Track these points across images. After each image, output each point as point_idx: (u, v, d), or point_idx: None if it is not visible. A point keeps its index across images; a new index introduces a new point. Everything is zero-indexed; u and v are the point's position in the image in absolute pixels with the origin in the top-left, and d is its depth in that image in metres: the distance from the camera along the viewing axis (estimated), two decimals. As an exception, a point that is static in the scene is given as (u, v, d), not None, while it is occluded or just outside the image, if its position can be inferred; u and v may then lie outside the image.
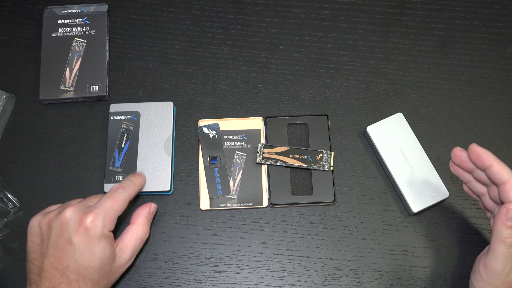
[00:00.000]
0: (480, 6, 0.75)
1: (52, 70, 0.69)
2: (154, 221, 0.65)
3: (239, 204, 0.65)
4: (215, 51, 0.73)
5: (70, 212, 0.54)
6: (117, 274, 0.58)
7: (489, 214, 0.59)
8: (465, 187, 0.60)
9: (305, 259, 0.64)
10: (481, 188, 0.58)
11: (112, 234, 0.56)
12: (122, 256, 0.57)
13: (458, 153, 0.57)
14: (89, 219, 0.53)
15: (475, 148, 0.55)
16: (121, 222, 0.63)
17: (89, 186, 0.66)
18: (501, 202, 0.54)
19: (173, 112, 0.68)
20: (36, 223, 0.55)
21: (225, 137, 0.68)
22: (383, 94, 0.71)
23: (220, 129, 0.68)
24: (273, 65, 0.72)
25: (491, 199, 0.57)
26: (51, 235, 0.54)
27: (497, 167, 0.53)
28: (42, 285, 0.52)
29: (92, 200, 0.57)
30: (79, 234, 0.53)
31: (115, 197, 0.56)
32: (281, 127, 0.68)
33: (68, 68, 0.69)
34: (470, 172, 0.57)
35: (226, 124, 0.68)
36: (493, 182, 0.54)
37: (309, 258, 0.64)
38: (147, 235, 0.61)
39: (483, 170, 0.55)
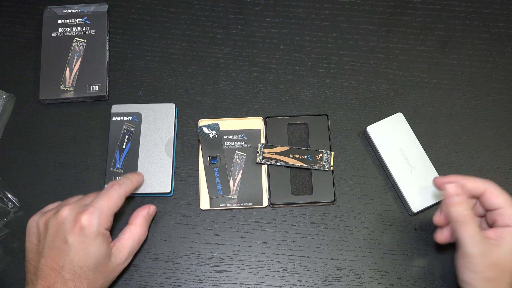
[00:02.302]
0: (480, 6, 0.75)
1: (52, 70, 0.69)
2: (154, 221, 0.65)
3: (239, 204, 0.65)
4: (215, 51, 0.73)
5: (66, 211, 0.54)
6: (114, 274, 0.57)
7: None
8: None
9: (305, 259, 0.64)
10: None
11: (108, 233, 0.56)
12: (119, 256, 0.57)
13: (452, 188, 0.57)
14: (84, 218, 0.53)
15: (439, 179, 0.57)
16: (119, 221, 0.63)
17: (89, 186, 0.66)
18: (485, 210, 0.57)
19: (175, 114, 0.68)
20: (34, 222, 0.56)
21: (225, 137, 0.68)
22: (383, 94, 0.71)
23: (220, 129, 0.68)
24: (273, 65, 0.72)
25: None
26: (48, 235, 0.54)
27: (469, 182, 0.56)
28: (38, 285, 0.52)
29: (89, 197, 0.57)
30: (74, 233, 0.53)
31: (110, 194, 0.56)
32: (281, 127, 0.68)
33: (68, 68, 0.69)
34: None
35: (226, 124, 0.68)
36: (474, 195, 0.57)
37: (309, 258, 0.64)
38: (145, 236, 0.61)
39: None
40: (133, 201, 0.65)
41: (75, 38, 0.71)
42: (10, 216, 0.64)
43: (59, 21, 0.71)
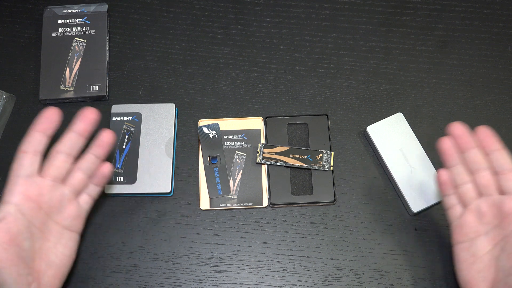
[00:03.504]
0: (480, 6, 0.75)
1: (52, 70, 0.69)
2: (154, 221, 0.65)
3: (239, 204, 0.65)
4: (215, 51, 0.73)
5: None
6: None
7: (458, 208, 0.56)
8: (443, 176, 0.56)
9: (305, 259, 0.64)
10: (465, 176, 0.55)
11: None
12: None
13: (459, 126, 0.54)
14: None
15: (487, 129, 0.53)
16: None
17: (89, 186, 0.66)
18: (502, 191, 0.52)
19: (175, 114, 0.68)
20: None
21: (225, 137, 0.68)
22: (383, 94, 0.71)
23: (220, 129, 0.68)
24: (273, 65, 0.72)
25: (479, 186, 0.54)
26: None
27: (506, 153, 0.52)
28: None
29: None
30: None
31: None
32: (281, 127, 0.68)
33: (68, 68, 0.69)
34: (463, 151, 0.54)
35: (226, 124, 0.68)
36: (496, 168, 0.53)
37: (309, 258, 0.64)
38: None
39: (489, 152, 0.53)
40: (131, 200, 0.65)
41: (75, 38, 0.71)
42: (10, 216, 0.64)
43: (59, 21, 0.71)
